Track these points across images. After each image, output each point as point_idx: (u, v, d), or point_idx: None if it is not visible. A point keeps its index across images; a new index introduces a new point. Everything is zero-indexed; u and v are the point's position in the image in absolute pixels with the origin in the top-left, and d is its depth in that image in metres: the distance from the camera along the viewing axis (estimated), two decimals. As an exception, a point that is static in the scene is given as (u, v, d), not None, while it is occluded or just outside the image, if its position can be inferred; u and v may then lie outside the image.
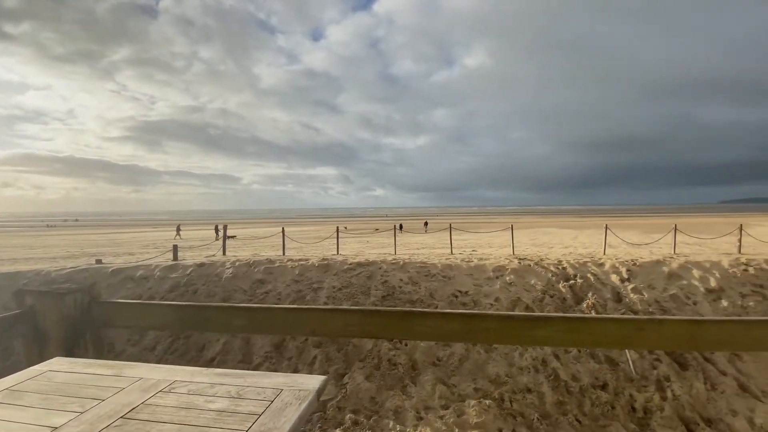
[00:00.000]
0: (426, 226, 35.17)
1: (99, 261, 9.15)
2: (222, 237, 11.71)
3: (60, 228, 50.30)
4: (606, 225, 12.46)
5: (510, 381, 4.74)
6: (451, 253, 10.44)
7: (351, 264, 7.42)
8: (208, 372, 1.88)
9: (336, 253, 10.15)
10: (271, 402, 1.56)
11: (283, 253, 10.60)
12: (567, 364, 4.98)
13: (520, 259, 7.72)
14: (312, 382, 1.74)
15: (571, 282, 6.63)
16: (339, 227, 14.91)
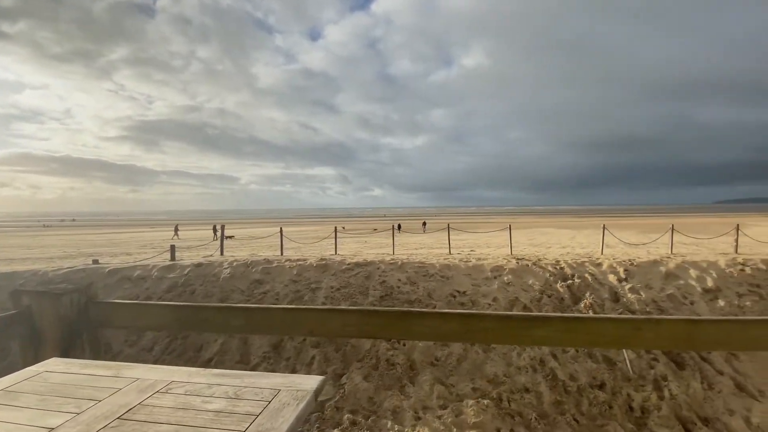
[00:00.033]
0: (424, 226, 35.19)
1: (96, 261, 9.12)
2: (219, 237, 11.69)
3: (57, 228, 50.10)
4: (603, 225, 12.49)
5: (508, 381, 4.75)
6: (450, 253, 10.44)
7: (349, 264, 7.42)
8: (205, 372, 1.88)
9: (334, 254, 10.14)
10: (269, 402, 1.56)
11: (281, 254, 10.59)
12: (565, 363, 4.99)
13: (518, 259, 7.73)
14: (310, 382, 1.74)
15: (569, 282, 6.65)
16: (337, 227, 14.89)
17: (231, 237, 24.23)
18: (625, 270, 6.85)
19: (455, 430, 3.96)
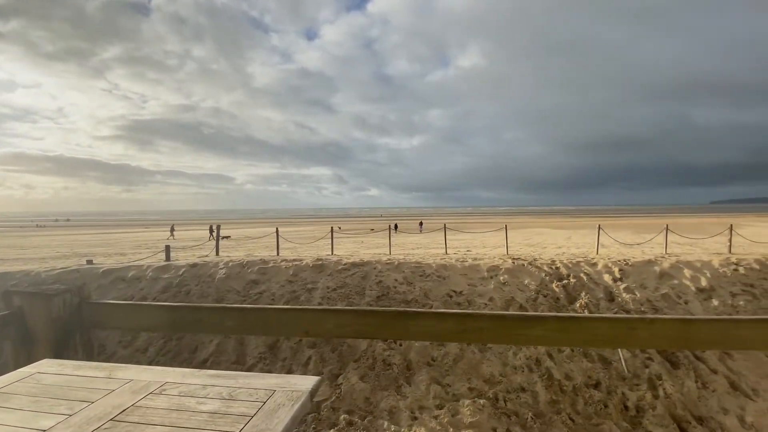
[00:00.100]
0: (421, 226, 35.24)
1: (90, 261, 9.05)
2: (215, 237, 11.64)
3: (50, 228, 49.66)
4: (599, 225, 12.56)
5: (504, 380, 4.76)
6: (446, 253, 10.46)
7: (345, 264, 7.40)
8: (200, 373, 1.86)
9: (330, 254, 10.13)
10: (264, 403, 1.55)
11: (277, 254, 10.55)
12: (560, 363, 5.01)
13: (514, 259, 7.75)
14: (305, 382, 1.72)
15: (565, 282, 6.67)
16: (333, 227, 14.87)
17: (227, 237, 24.14)
18: (620, 270, 6.89)
19: (451, 429, 3.96)
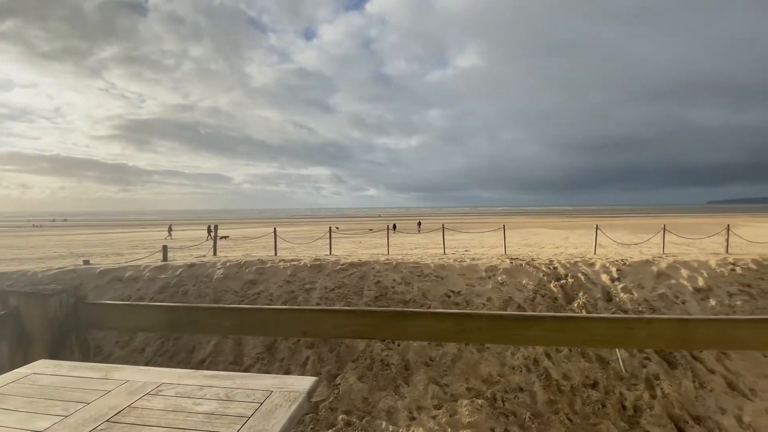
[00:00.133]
0: (419, 226, 35.26)
1: (87, 261, 9.01)
2: (213, 237, 11.60)
3: (47, 228, 49.46)
4: (596, 225, 12.59)
5: (502, 380, 4.76)
6: (444, 253, 10.46)
7: (344, 264, 7.39)
8: (196, 374, 1.85)
9: (329, 254, 10.12)
10: (261, 404, 1.54)
11: (275, 254, 10.54)
12: (558, 363, 5.01)
13: (512, 259, 7.75)
14: (302, 383, 1.72)
15: (562, 282, 6.68)
16: (331, 227, 14.86)
17: (226, 237, 24.09)
18: (618, 270, 6.91)
19: (450, 429, 3.95)
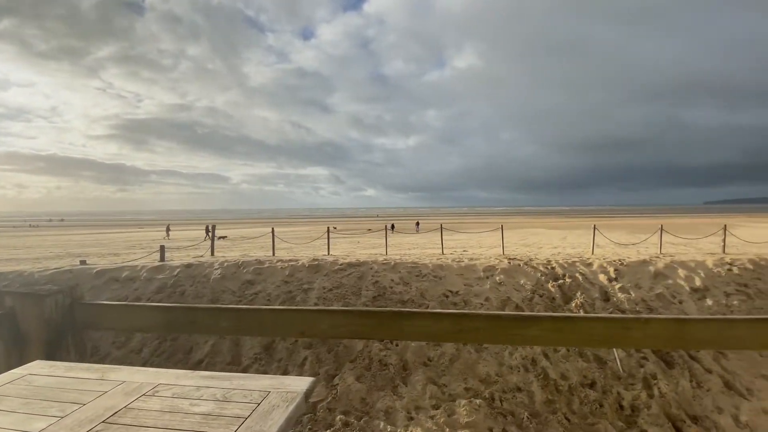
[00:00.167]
0: (417, 226, 35.28)
1: (83, 262, 8.97)
2: (211, 237, 11.57)
3: (44, 228, 49.23)
4: (594, 225, 12.62)
5: (500, 380, 4.76)
6: (442, 253, 10.47)
7: (342, 264, 7.39)
8: (193, 375, 1.84)
9: (327, 254, 10.11)
10: (258, 404, 1.53)
11: (273, 254, 10.52)
12: (556, 363, 5.02)
13: (510, 259, 7.76)
14: (300, 383, 1.71)
15: (560, 282, 6.69)
16: (330, 228, 14.84)
17: (224, 237, 24.04)
18: (615, 270, 6.92)
19: (448, 429, 3.95)
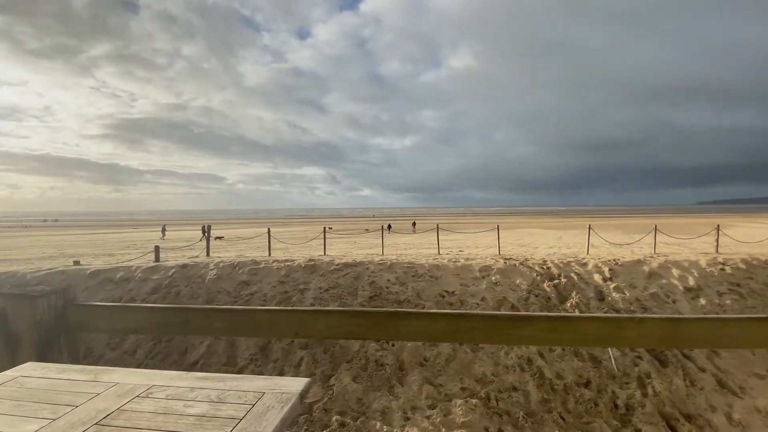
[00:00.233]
0: (414, 226, 35.31)
1: (77, 262, 8.90)
2: (206, 238, 11.51)
3: (37, 228, 48.78)
4: (589, 225, 12.69)
5: (496, 380, 4.77)
6: (438, 254, 10.48)
7: (338, 265, 7.37)
8: (187, 376, 1.83)
9: (323, 254, 10.09)
10: (253, 406, 1.52)
11: (269, 254, 10.49)
12: (552, 362, 5.04)
13: (505, 259, 7.79)
14: (295, 384, 1.70)
15: (556, 281, 6.72)
16: (326, 228, 14.83)
17: (221, 238, 23.93)
18: (610, 269, 6.97)
19: (444, 429, 3.96)
